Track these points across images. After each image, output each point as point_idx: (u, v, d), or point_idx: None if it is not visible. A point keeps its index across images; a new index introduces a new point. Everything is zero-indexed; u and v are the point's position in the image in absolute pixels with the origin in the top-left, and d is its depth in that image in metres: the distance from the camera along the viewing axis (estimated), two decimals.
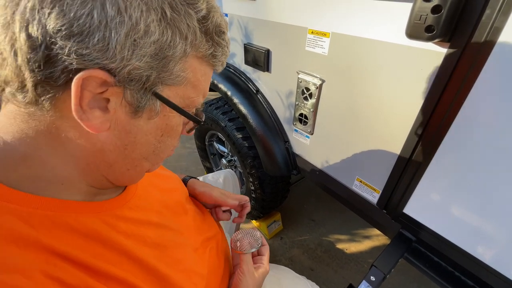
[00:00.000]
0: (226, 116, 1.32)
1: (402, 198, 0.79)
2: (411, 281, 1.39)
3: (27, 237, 0.30)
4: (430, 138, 0.65)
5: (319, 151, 1.03)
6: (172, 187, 0.61)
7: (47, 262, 0.30)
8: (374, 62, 0.70)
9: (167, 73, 0.32)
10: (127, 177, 0.40)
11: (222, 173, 1.06)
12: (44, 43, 0.26)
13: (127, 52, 0.28)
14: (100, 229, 0.37)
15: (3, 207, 0.30)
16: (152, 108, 0.34)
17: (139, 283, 0.38)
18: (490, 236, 0.65)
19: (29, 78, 0.28)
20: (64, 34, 0.26)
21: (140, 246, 0.41)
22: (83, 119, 0.30)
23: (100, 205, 0.39)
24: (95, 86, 0.29)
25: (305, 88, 0.92)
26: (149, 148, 0.38)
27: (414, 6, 0.52)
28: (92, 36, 0.26)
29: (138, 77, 0.30)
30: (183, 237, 0.52)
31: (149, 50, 0.29)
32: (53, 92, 0.29)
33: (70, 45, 0.26)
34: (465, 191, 0.65)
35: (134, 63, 0.29)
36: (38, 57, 0.27)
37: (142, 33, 0.28)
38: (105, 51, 0.27)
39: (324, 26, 0.77)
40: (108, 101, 0.31)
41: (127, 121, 0.33)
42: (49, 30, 0.26)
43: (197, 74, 0.36)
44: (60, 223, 0.33)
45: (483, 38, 0.50)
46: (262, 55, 1.02)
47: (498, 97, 0.53)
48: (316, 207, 1.85)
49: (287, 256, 1.55)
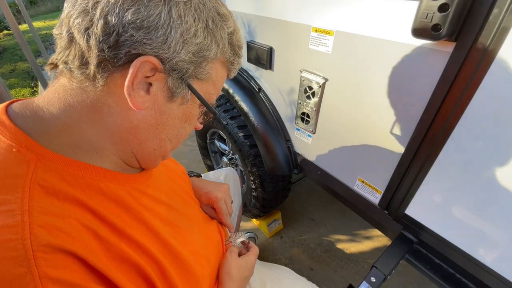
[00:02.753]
0: (227, 114, 1.31)
1: (404, 199, 0.78)
2: (411, 283, 1.39)
3: (66, 192, 0.35)
4: (433, 139, 0.64)
5: (321, 151, 1.02)
6: (179, 178, 0.65)
7: (82, 215, 0.35)
8: (378, 61, 0.69)
9: (200, 69, 0.40)
10: (152, 157, 0.45)
11: (223, 171, 1.06)
12: (117, 30, 0.33)
13: (178, 47, 0.36)
14: (126, 198, 0.42)
15: (47, 165, 0.35)
16: (184, 96, 0.41)
17: (155, 252, 0.42)
18: (492, 238, 0.64)
19: (96, 56, 0.34)
20: (136, 26, 0.33)
21: (157, 221, 0.46)
22: (131, 96, 0.36)
23: (127, 177, 0.44)
24: (147, 70, 0.35)
25: (308, 86, 0.91)
26: (174, 131, 0.44)
27: (421, 4, 0.51)
28: (157, 30, 0.34)
29: (180, 68, 0.38)
30: (191, 222, 0.57)
31: (193, 49, 0.37)
32: (111, 70, 0.35)
33: (138, 35, 0.33)
34: (468, 193, 0.65)
35: (181, 56, 0.37)
36: (109, 40, 0.33)
37: (192, 35, 0.37)
38: (163, 43, 0.35)
39: (328, 24, 0.76)
40: (151, 85, 0.37)
41: (163, 103, 0.40)
42: (124, 21, 0.33)
43: (218, 75, 0.44)
44: (93, 185, 0.38)
45: (490, 37, 0.49)
46: (265, 53, 1.02)
47: (504, 99, 0.52)
48: (317, 206, 1.84)
49: (287, 255, 1.54)
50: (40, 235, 0.30)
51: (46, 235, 0.30)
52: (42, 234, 0.30)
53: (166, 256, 0.44)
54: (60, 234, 0.31)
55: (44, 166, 0.34)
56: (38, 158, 0.34)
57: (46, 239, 0.30)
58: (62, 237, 0.31)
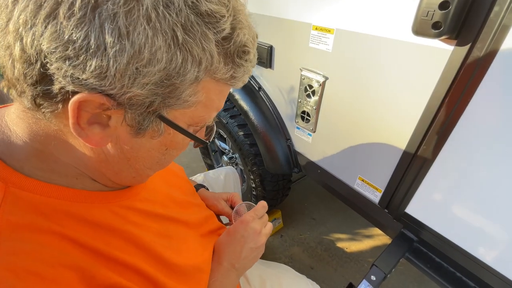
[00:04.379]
0: (227, 113, 1.31)
1: (404, 197, 0.78)
2: (411, 281, 1.39)
3: (39, 225, 0.30)
4: (434, 137, 0.64)
5: (321, 149, 1.02)
6: (179, 183, 0.63)
7: (58, 247, 0.31)
8: (378, 59, 0.69)
9: (173, 98, 0.29)
10: (134, 181, 0.41)
11: (223, 170, 1.06)
12: (39, 61, 0.25)
13: (127, 81, 0.26)
14: (109, 219, 0.38)
15: (17, 195, 0.30)
16: (155, 129, 0.32)
17: (147, 268, 0.39)
18: (492, 237, 0.64)
19: (27, 90, 0.27)
20: (59, 56, 0.24)
21: (147, 235, 0.42)
22: (82, 136, 0.29)
23: (112, 195, 0.40)
24: (93, 107, 0.27)
25: (308, 85, 0.91)
26: (152, 160, 0.37)
27: (421, 1, 0.51)
28: (89, 61, 0.24)
29: (140, 103, 0.28)
30: (188, 229, 0.54)
31: (153, 79, 0.26)
32: (51, 107, 0.28)
33: (65, 68, 0.24)
34: (468, 191, 0.65)
35: (135, 91, 0.26)
36: (34, 73, 0.25)
37: (146, 62, 0.25)
38: (103, 78, 0.25)
39: (328, 22, 0.76)
40: (110, 117, 0.29)
41: (128, 139, 0.32)
42: (44, 49, 0.24)
43: (210, 94, 0.33)
44: (71, 212, 0.34)
45: (491, 35, 0.49)
46: (265, 52, 1.01)
47: (505, 96, 0.52)
48: (317, 205, 1.84)
49: (287, 254, 1.55)
50: (7, 281, 0.26)
51: (13, 279, 0.27)
52: (9, 279, 0.26)
53: (160, 269, 0.41)
54: (28, 276, 0.28)
55: (13, 196, 0.30)
56: (7, 186, 0.30)
57: (13, 285, 0.27)
58: (30, 279, 0.28)
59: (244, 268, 0.58)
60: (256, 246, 0.58)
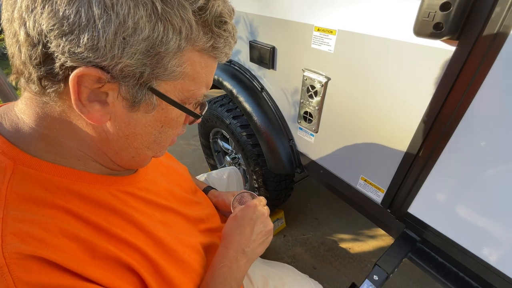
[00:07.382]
0: (230, 113, 1.32)
1: (407, 197, 0.78)
2: (414, 282, 1.38)
3: (44, 198, 0.33)
4: (436, 137, 0.64)
5: (324, 150, 1.03)
6: (179, 181, 0.64)
7: (62, 219, 0.34)
8: (380, 60, 0.69)
9: (161, 69, 0.32)
10: (134, 162, 0.43)
11: (226, 170, 1.07)
12: (41, 42, 0.28)
13: (117, 51, 0.29)
14: (110, 200, 0.40)
15: (24, 172, 0.33)
16: (149, 102, 0.35)
17: (146, 249, 0.41)
18: (495, 237, 0.64)
19: (33, 72, 0.30)
20: (57, 33, 0.27)
21: (147, 220, 0.44)
22: (84, 112, 0.32)
23: (112, 179, 0.42)
24: (91, 82, 0.30)
25: (310, 86, 0.91)
26: (149, 138, 0.40)
27: (423, 2, 0.51)
28: (82, 35, 0.27)
29: (132, 74, 0.31)
30: (187, 222, 0.55)
31: (139, 48, 0.29)
32: (55, 86, 0.31)
33: (63, 44, 0.27)
34: (471, 191, 0.65)
35: (125, 61, 0.29)
36: (37, 54, 0.28)
37: (131, 31, 0.28)
38: (95, 50, 0.28)
39: (330, 23, 0.76)
40: (107, 94, 0.33)
41: (125, 114, 0.35)
42: (44, 29, 0.27)
43: (196, 67, 0.35)
44: (74, 189, 0.37)
45: (492, 36, 0.49)
46: (267, 53, 1.02)
47: (507, 97, 0.52)
48: (319, 205, 1.84)
49: (290, 254, 1.55)
50: (12, 242, 0.29)
51: (18, 243, 0.29)
52: (14, 242, 0.29)
53: (158, 252, 0.43)
54: (32, 241, 0.30)
55: (21, 173, 0.33)
56: (15, 164, 0.33)
57: (18, 246, 0.29)
58: (35, 243, 0.30)
59: (254, 253, 0.57)
60: (266, 229, 0.59)
